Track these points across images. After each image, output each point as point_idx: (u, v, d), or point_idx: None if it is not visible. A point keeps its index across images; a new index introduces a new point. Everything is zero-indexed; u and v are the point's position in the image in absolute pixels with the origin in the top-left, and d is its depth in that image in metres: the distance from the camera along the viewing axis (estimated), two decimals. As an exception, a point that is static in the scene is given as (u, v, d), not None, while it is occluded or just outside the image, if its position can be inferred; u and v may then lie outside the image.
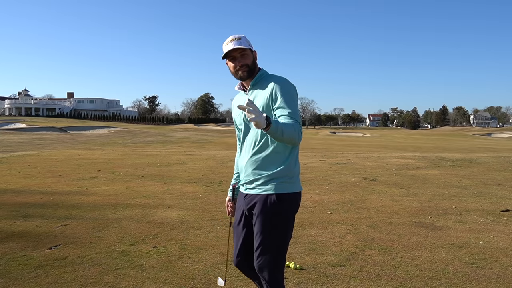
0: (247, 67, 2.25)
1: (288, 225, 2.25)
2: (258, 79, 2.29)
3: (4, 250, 3.98)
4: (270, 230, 2.21)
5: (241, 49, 2.22)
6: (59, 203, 6.16)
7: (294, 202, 2.27)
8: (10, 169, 10.40)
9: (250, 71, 2.27)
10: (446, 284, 3.25)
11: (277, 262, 2.25)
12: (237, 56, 2.24)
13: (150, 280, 3.29)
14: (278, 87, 2.18)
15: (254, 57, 2.30)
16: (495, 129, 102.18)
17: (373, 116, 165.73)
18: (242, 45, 2.21)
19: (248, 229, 2.40)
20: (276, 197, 2.19)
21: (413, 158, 13.87)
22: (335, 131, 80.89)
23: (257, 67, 2.32)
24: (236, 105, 2.37)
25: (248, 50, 2.25)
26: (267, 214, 2.20)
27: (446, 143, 38.53)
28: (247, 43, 2.26)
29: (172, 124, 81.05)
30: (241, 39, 2.23)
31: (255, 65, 2.30)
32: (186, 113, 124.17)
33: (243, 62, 2.24)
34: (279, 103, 2.15)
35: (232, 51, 2.22)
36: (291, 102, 2.15)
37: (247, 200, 2.32)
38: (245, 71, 2.25)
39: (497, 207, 6.09)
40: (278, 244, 2.23)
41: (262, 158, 2.23)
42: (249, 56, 2.25)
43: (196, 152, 18.38)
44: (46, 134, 34.90)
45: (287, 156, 2.23)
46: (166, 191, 7.36)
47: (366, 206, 6.10)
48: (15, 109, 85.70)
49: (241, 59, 2.24)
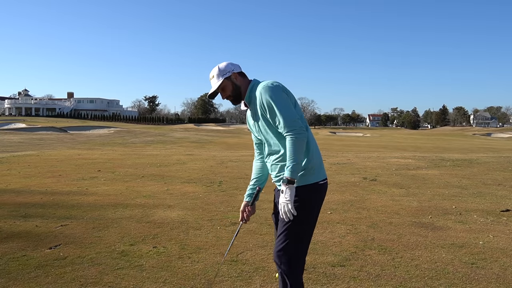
0: (230, 97, 2.41)
1: (307, 215, 2.32)
2: (249, 94, 2.40)
3: (4, 250, 3.98)
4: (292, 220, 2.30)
5: (218, 87, 2.38)
6: (59, 203, 6.16)
7: (313, 192, 2.34)
8: (10, 169, 10.41)
9: (236, 96, 2.41)
10: (446, 284, 3.25)
11: (296, 251, 2.31)
12: (219, 92, 2.42)
13: (150, 280, 3.29)
14: (262, 99, 2.30)
15: (233, 82, 2.40)
16: (495, 129, 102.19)
17: (373, 116, 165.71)
18: (217, 84, 2.37)
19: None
20: (297, 190, 2.29)
21: (413, 158, 13.87)
22: (335, 131, 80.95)
23: (243, 85, 2.42)
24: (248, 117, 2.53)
25: (224, 81, 2.38)
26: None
27: (446, 143, 38.54)
28: (221, 75, 2.38)
29: (172, 124, 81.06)
30: (215, 76, 2.38)
31: (238, 87, 2.41)
32: (186, 113, 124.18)
33: (225, 95, 2.41)
34: (271, 118, 2.29)
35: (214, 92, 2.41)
36: (278, 110, 2.25)
37: (278, 193, 2.46)
38: (231, 100, 2.43)
39: (497, 207, 6.09)
40: (297, 231, 2.30)
41: (279, 159, 2.35)
42: (228, 85, 2.38)
43: (196, 152, 18.38)
44: (46, 134, 34.90)
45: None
46: (166, 191, 7.36)
47: (366, 206, 6.10)
48: (15, 109, 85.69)
49: (223, 93, 2.41)
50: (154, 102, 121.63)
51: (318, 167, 2.37)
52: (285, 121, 2.22)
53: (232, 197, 6.81)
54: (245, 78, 2.43)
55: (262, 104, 2.30)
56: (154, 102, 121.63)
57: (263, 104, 2.29)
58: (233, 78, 2.38)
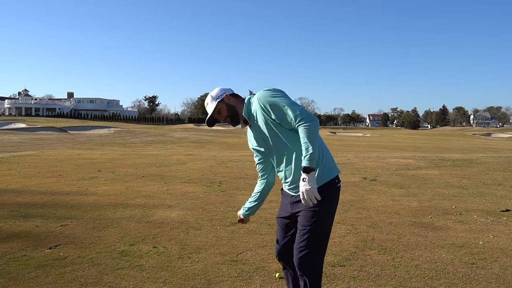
0: (228, 117, 2.47)
1: (328, 215, 2.36)
2: (247, 108, 2.43)
3: (4, 250, 3.98)
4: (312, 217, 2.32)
5: (214, 110, 2.45)
6: (59, 203, 6.16)
7: (332, 193, 2.38)
8: (10, 169, 10.41)
9: (233, 116, 2.46)
10: (446, 284, 3.25)
11: (319, 259, 2.34)
12: (216, 116, 2.48)
13: (150, 280, 3.29)
14: (264, 102, 2.32)
15: (227, 103, 2.45)
16: (495, 129, 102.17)
17: (373, 116, 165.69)
18: (212, 108, 2.44)
19: (293, 225, 2.49)
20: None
21: (413, 158, 13.87)
22: (335, 131, 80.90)
23: (238, 104, 2.46)
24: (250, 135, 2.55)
25: (218, 105, 2.45)
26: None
27: (446, 143, 38.54)
28: (214, 99, 2.45)
29: (172, 124, 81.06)
30: (209, 102, 2.47)
31: (233, 107, 2.46)
32: (186, 113, 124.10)
33: (222, 117, 2.48)
34: (278, 118, 2.29)
35: (211, 117, 2.48)
36: (283, 104, 2.28)
37: (293, 198, 2.44)
38: (229, 121, 2.48)
39: (497, 207, 6.09)
40: (318, 235, 2.32)
41: (293, 166, 2.36)
42: (223, 107, 2.45)
43: (196, 152, 18.38)
44: (46, 134, 34.90)
45: None
46: (166, 191, 7.36)
47: (366, 206, 6.10)
48: (15, 109, 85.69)
49: (220, 116, 2.48)
50: (154, 102, 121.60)
51: (332, 162, 2.42)
52: (293, 112, 2.23)
53: (232, 197, 6.81)
54: (239, 98, 2.50)
55: (264, 108, 2.31)
56: (154, 102, 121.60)
57: (266, 107, 2.30)
58: (226, 100, 2.45)
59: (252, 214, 2.67)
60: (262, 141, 2.45)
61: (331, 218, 2.39)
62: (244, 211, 2.66)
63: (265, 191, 2.63)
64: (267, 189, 2.63)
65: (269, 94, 2.31)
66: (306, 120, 2.20)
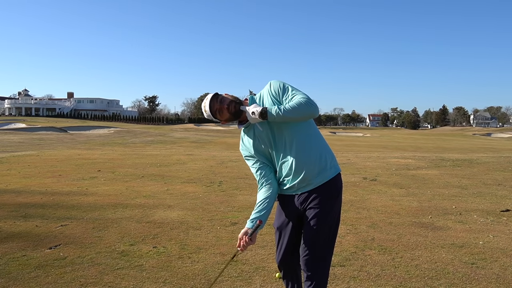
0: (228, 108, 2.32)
1: (337, 215, 2.39)
2: (251, 102, 2.36)
3: (4, 250, 3.98)
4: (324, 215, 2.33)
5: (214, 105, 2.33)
6: (59, 203, 6.16)
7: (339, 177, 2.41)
8: (10, 169, 10.41)
9: (235, 108, 2.32)
10: (446, 284, 3.25)
11: (327, 263, 2.39)
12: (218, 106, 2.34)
13: (150, 280, 3.29)
14: (274, 86, 2.32)
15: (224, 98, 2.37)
16: (495, 129, 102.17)
17: (373, 116, 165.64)
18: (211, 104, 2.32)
19: (296, 229, 2.45)
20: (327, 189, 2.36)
21: (413, 158, 13.87)
22: (335, 131, 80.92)
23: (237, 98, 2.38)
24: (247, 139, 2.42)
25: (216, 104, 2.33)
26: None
27: (446, 143, 38.53)
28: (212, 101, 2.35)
29: (172, 124, 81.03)
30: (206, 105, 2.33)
31: (232, 100, 2.33)
32: (186, 113, 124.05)
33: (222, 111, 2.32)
34: (285, 98, 2.26)
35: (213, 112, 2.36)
36: (292, 88, 2.28)
37: (301, 198, 2.38)
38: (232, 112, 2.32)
39: (497, 207, 6.09)
40: (326, 238, 2.34)
41: (305, 164, 2.31)
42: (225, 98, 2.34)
43: (196, 152, 18.38)
44: (46, 134, 34.90)
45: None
46: (166, 191, 7.36)
47: (366, 206, 6.10)
48: (15, 109, 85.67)
49: (220, 113, 2.34)
50: (154, 102, 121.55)
51: (331, 162, 2.41)
52: (300, 92, 2.24)
53: (232, 197, 6.81)
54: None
55: (276, 90, 2.29)
56: (154, 102, 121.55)
57: (274, 90, 2.29)
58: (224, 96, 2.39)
59: (263, 226, 2.36)
60: (265, 137, 2.34)
61: (339, 218, 2.41)
62: (253, 223, 2.31)
63: (273, 196, 2.37)
64: (275, 193, 2.38)
65: (279, 81, 2.34)
66: (307, 98, 2.19)
